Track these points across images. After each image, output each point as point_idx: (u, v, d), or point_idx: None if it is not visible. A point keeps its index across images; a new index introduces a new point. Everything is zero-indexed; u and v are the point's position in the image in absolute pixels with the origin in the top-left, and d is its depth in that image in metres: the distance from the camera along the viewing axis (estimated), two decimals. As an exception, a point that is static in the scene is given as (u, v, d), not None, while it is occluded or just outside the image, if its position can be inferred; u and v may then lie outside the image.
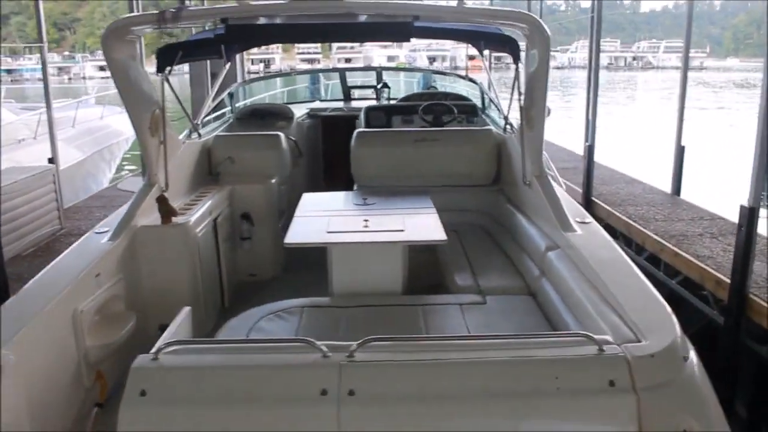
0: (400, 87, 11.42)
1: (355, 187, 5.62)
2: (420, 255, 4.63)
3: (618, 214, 7.47)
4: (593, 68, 8.76)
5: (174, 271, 4.21)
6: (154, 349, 2.37)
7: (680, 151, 8.28)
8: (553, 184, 4.37)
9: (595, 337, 2.42)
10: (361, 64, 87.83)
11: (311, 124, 7.99)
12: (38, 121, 10.35)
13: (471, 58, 19.10)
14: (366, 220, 4.26)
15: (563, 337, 2.51)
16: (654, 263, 6.54)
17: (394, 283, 4.04)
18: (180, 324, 3.04)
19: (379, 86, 8.70)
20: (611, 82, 59.39)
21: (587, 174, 8.35)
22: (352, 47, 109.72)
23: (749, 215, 4.84)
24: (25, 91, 39.12)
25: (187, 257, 4.28)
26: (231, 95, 7.87)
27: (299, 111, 8.09)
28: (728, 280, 5.12)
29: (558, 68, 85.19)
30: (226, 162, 5.80)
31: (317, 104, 9.14)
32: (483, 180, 5.71)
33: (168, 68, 4.61)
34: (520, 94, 4.58)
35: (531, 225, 4.53)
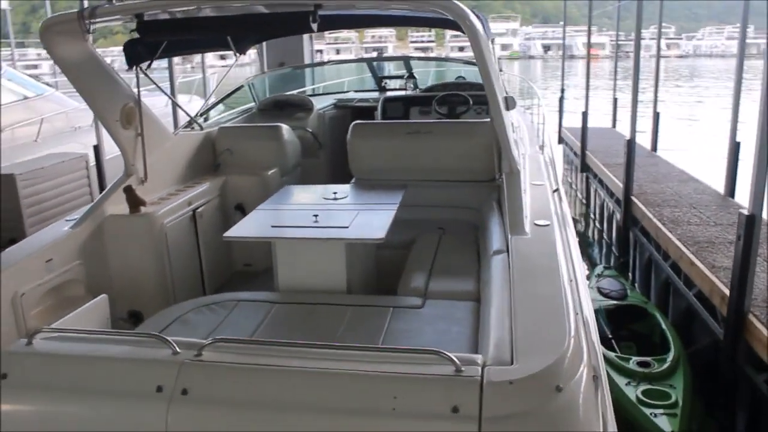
0: (446, 78, 11.07)
1: (352, 180, 5.44)
2: (394, 253, 4.51)
3: (650, 215, 6.82)
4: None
5: (141, 260, 4.23)
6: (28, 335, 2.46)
7: (735, 148, 7.44)
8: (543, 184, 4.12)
9: (455, 355, 2.16)
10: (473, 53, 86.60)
11: (336, 115, 7.83)
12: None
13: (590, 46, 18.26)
14: (316, 215, 4.11)
15: (423, 353, 2.24)
16: (677, 272, 5.91)
17: (337, 281, 3.91)
18: (89, 310, 3.15)
19: (405, 76, 8.41)
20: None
21: (627, 172, 7.68)
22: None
23: (748, 224, 4.22)
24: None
25: (153, 247, 4.29)
26: (252, 86, 7.83)
27: (325, 102, 7.96)
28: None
29: (682, 57, 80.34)
30: (225, 153, 5.77)
31: (351, 95, 8.98)
32: (481, 175, 5.36)
33: (147, 62, 4.63)
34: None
35: (495, 225, 4.22)
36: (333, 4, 3.71)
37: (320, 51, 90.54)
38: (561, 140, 13.87)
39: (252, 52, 7.95)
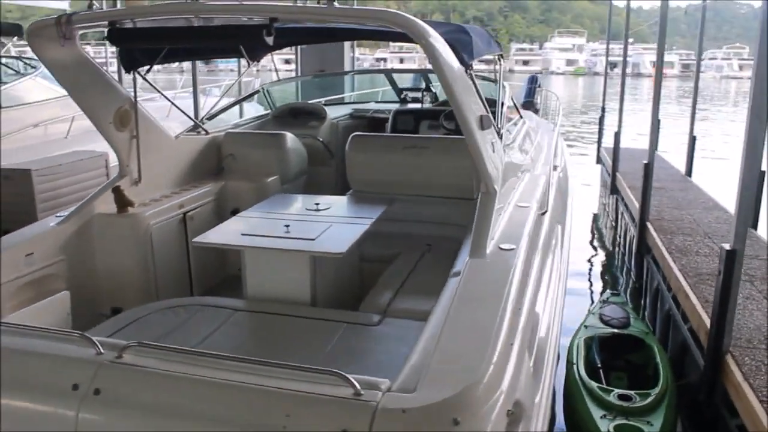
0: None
1: (349, 192, 5.47)
2: (378, 267, 4.54)
3: (659, 243, 6.59)
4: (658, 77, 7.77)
5: (126, 259, 4.35)
6: None
7: (760, 177, 7.11)
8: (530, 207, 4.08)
9: (359, 378, 2.16)
10: (538, 67, 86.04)
11: (351, 125, 7.85)
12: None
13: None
14: (287, 226, 4.13)
15: (325, 374, 2.23)
16: (677, 303, 5.69)
17: (302, 293, 3.94)
18: (49, 305, 3.35)
19: (423, 89, 8.38)
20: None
21: (643, 196, 7.45)
22: (531, 49, 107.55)
23: (728, 259, 4.03)
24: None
25: (137, 247, 4.39)
26: (268, 92, 7.92)
27: (342, 111, 7.99)
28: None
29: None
30: (228, 158, 5.87)
31: (370, 105, 8.99)
32: (474, 193, 5.32)
33: (146, 67, 4.76)
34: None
35: (468, 246, 4.16)
36: (289, 18, 3.71)
37: (384, 59, 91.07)
38: (599, 160, 13.55)
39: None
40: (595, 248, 10.42)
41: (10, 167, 6.97)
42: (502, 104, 4.66)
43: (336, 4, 3.47)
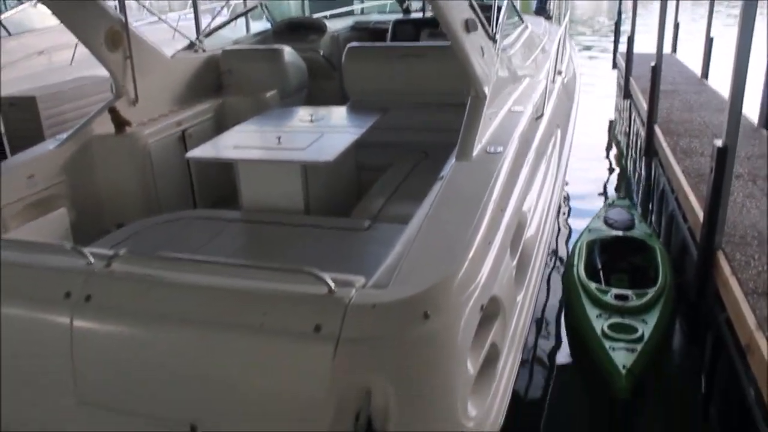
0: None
1: (348, 103, 5.48)
2: (375, 175, 4.61)
3: (665, 145, 6.52)
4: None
5: (126, 178, 4.45)
6: None
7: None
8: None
9: (333, 276, 2.22)
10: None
11: (351, 37, 7.74)
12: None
13: None
14: (279, 138, 4.18)
15: (301, 274, 2.28)
16: (679, 205, 5.68)
17: (295, 201, 4.03)
18: (46, 222, 3.50)
19: None
20: None
21: (651, 98, 7.31)
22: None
23: (719, 156, 4.00)
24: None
25: (137, 165, 4.49)
26: (266, 7, 7.79)
27: (341, 23, 7.87)
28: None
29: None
30: (225, 75, 5.88)
31: (373, 17, 8.83)
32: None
33: None
34: None
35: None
36: None
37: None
38: (615, 66, 13.24)
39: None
40: (608, 153, 10.33)
41: (16, 94, 7.04)
42: (498, 8, 4.55)
43: None
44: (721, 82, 10.08)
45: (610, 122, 11.99)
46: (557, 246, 6.61)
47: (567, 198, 7.76)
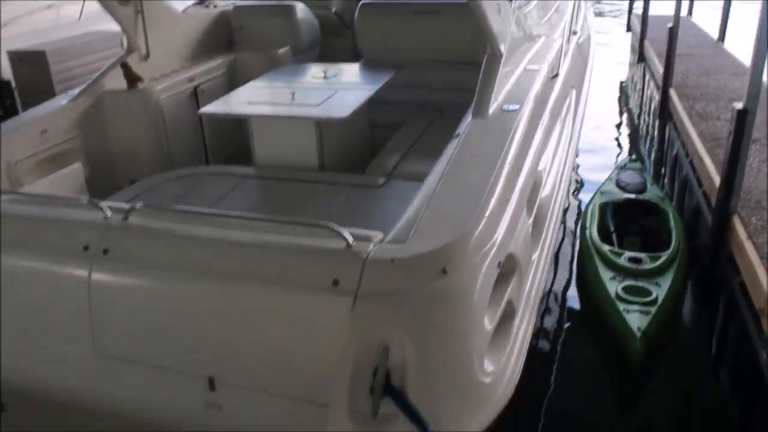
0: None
1: (361, 60, 5.43)
2: (387, 133, 4.61)
3: (680, 108, 6.45)
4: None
5: (139, 133, 4.44)
6: None
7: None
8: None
9: (352, 231, 2.22)
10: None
11: None
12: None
13: None
14: (293, 93, 4.15)
15: (319, 228, 2.30)
16: (693, 169, 5.63)
17: (309, 158, 4.03)
18: (61, 177, 3.55)
19: None
20: None
21: (666, 62, 7.19)
22: None
23: (739, 119, 3.95)
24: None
25: (149, 121, 4.48)
26: None
27: None
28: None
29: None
30: (237, 31, 5.82)
31: None
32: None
33: None
34: None
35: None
36: None
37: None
38: (629, 29, 13.02)
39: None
40: (621, 117, 10.24)
41: (25, 49, 6.99)
42: None
43: None
44: (738, 46, 9.96)
45: (621, 84, 11.85)
46: (569, 206, 6.59)
47: (578, 157, 7.70)
